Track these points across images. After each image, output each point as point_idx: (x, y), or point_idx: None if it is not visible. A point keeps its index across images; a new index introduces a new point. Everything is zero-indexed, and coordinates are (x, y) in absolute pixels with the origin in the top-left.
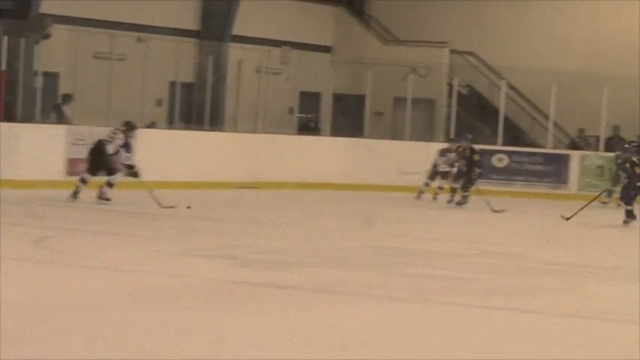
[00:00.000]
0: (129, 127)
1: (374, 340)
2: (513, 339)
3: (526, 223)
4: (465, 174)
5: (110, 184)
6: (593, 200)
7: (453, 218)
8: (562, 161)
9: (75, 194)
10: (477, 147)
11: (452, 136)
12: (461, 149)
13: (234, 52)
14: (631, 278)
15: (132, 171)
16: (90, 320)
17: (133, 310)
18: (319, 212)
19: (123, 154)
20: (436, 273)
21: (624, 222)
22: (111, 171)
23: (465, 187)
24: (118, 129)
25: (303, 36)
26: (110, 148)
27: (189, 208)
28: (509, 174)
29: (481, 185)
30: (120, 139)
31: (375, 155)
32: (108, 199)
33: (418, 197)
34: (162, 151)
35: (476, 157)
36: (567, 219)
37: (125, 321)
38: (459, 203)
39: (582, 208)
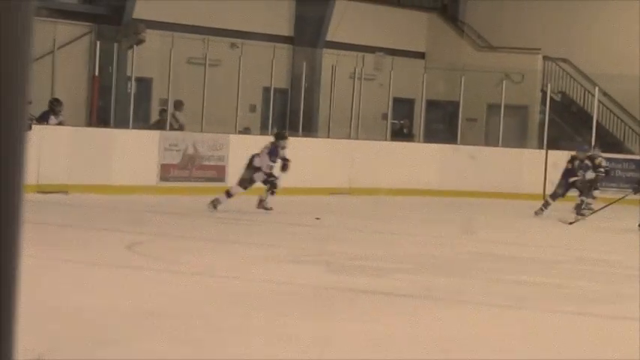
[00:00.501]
0: (277, 136)
1: (471, 346)
2: (606, 346)
3: (621, 229)
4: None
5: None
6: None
7: (549, 224)
8: None
9: (214, 203)
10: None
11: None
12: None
13: (328, 57)
14: None
15: (270, 179)
16: (177, 324)
17: (225, 314)
18: (413, 218)
19: (266, 161)
20: (532, 279)
21: None
22: (265, 181)
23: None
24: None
25: (397, 42)
26: (257, 162)
27: (318, 219)
28: (602, 181)
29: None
30: (266, 148)
31: (476, 162)
32: (268, 209)
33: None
34: None
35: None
36: (570, 223)
37: (214, 326)
38: (581, 214)
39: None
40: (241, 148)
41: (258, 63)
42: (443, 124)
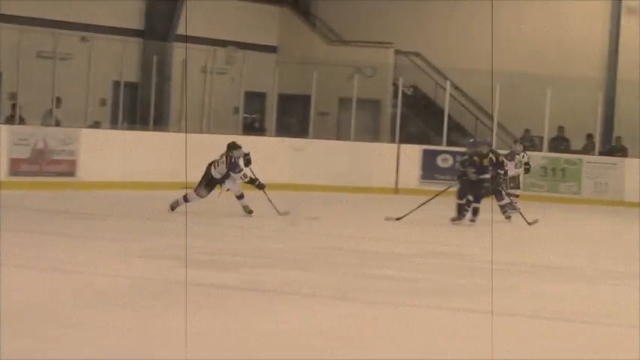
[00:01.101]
0: (230, 147)
1: (326, 341)
2: (461, 339)
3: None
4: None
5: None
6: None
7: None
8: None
9: (173, 206)
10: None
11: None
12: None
13: (179, 51)
14: (570, 277)
15: (257, 184)
16: (36, 321)
17: (77, 310)
18: (266, 213)
19: (232, 176)
20: (386, 273)
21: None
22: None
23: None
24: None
25: (249, 36)
26: (216, 173)
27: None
28: (454, 174)
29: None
30: (222, 163)
31: (303, 154)
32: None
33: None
34: (106, 152)
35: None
36: (398, 219)
37: (69, 322)
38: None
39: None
40: (92, 143)
41: (108, 57)
42: (295, 118)
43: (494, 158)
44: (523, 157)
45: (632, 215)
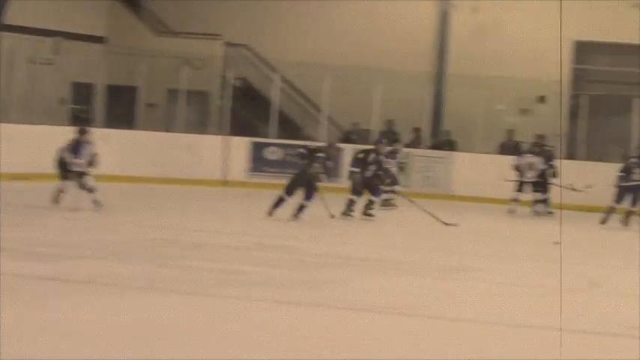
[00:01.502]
0: (76, 133)
1: (149, 335)
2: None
3: (303, 216)
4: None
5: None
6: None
7: (233, 210)
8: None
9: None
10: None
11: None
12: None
13: (6, 41)
14: (398, 270)
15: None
16: None
17: None
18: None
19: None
20: (216, 266)
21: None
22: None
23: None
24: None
25: (76, 26)
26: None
27: None
28: (282, 167)
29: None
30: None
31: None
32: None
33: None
34: None
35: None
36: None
37: None
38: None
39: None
40: None
41: None
42: (123, 109)
43: (377, 156)
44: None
45: (461, 209)
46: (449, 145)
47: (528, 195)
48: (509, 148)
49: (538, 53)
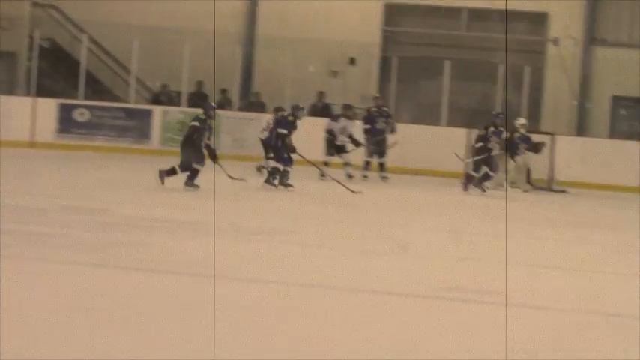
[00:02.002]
0: None
1: None
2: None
3: (109, 177)
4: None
5: None
6: None
7: (40, 172)
8: (144, 116)
9: None
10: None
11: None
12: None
13: None
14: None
15: None
16: None
17: None
18: None
19: None
20: (12, 227)
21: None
22: None
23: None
24: None
25: None
26: None
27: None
28: (90, 128)
29: None
30: None
31: None
32: None
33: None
34: None
35: None
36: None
37: None
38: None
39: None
40: None
41: None
42: None
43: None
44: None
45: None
46: (259, 107)
47: (346, 158)
48: (320, 109)
49: (348, 15)
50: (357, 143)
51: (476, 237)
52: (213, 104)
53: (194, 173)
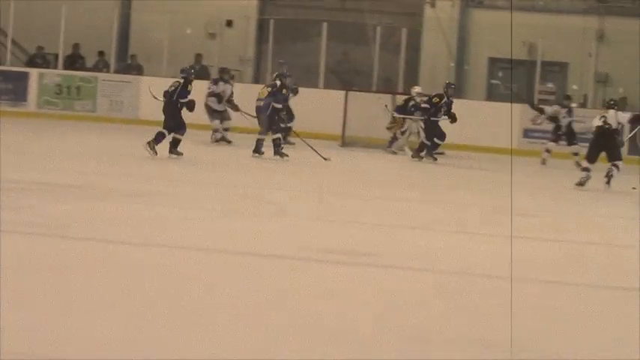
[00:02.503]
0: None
1: None
2: None
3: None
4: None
5: None
6: None
7: None
8: (21, 79)
9: None
10: None
11: None
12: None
13: None
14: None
15: None
16: None
17: None
18: None
19: None
20: None
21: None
22: None
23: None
24: None
25: None
26: None
27: None
28: None
29: None
30: None
31: None
32: None
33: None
34: None
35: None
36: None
37: None
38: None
39: None
40: None
41: None
42: None
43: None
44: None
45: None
46: (136, 70)
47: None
48: (198, 72)
49: None
50: (235, 108)
51: (351, 200)
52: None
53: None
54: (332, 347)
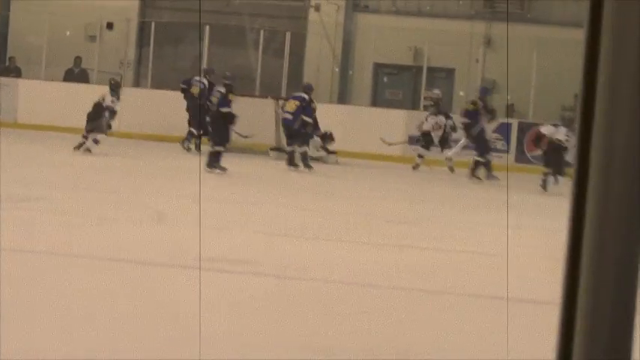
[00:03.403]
0: None
1: None
2: None
3: None
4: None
5: None
6: None
7: None
8: None
9: None
10: None
11: None
12: None
13: None
14: None
15: None
16: None
17: None
18: None
19: None
20: None
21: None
22: None
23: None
24: None
25: None
26: None
27: None
28: None
29: None
30: None
31: None
32: None
33: None
34: None
35: None
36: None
37: None
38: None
39: None
40: None
41: None
42: None
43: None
44: None
45: (27, 137)
46: (14, 72)
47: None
48: (77, 75)
49: None
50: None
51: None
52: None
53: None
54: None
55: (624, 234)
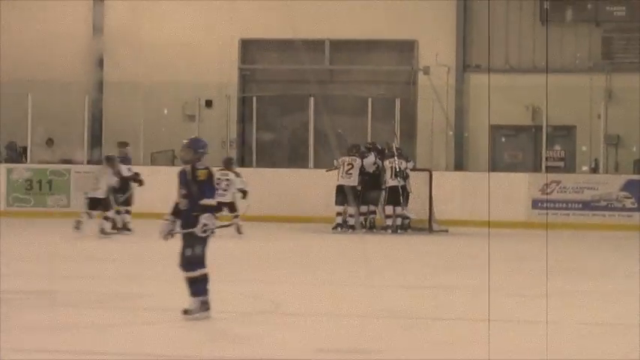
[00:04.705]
0: None
1: None
2: None
3: None
4: None
5: None
6: None
7: None
8: None
9: None
10: None
11: None
12: None
13: None
14: None
15: None
16: None
17: None
18: None
19: None
20: None
21: None
22: None
23: None
24: None
25: None
26: None
27: None
28: None
29: None
30: None
31: None
32: None
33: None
34: None
35: None
36: None
37: None
38: None
39: None
40: None
41: None
42: None
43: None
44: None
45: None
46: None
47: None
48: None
49: (201, 56)
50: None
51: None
52: None
53: None
54: None
55: None
